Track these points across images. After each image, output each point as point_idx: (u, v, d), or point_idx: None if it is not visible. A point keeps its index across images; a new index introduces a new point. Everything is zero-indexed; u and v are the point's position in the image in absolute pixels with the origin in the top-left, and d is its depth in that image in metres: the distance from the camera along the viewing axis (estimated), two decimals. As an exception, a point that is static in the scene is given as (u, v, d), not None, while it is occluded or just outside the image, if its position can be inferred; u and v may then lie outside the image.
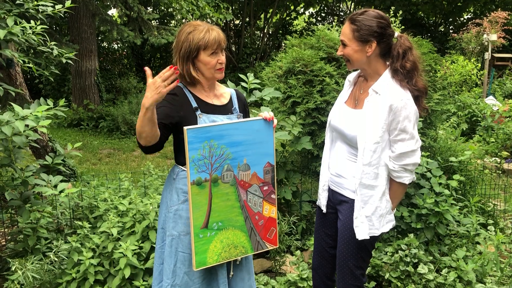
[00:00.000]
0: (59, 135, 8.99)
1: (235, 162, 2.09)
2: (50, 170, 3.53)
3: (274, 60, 4.33)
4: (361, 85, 2.28)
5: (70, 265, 3.01)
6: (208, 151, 2.00)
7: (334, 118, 2.32)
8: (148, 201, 3.31)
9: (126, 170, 6.70)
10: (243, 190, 2.14)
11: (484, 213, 4.38)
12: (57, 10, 3.22)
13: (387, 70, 2.17)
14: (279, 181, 3.85)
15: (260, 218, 2.22)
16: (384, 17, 2.13)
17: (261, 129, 2.14)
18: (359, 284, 2.32)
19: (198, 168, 1.99)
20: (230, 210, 2.12)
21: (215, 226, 2.09)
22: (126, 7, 7.52)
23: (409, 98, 2.09)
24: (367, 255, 2.31)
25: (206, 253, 2.08)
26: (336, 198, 2.35)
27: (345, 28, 2.15)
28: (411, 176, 2.19)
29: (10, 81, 4.18)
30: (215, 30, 2.10)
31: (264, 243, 2.26)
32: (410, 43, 2.16)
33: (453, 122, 7.34)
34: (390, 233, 3.69)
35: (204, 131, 1.97)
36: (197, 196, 2.02)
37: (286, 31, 17.39)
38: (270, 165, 2.20)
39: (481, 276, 3.33)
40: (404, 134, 2.09)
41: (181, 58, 2.11)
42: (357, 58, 2.15)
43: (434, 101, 3.86)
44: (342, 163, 2.28)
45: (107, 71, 12.30)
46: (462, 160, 4.21)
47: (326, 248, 2.50)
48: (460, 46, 13.06)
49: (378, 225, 2.21)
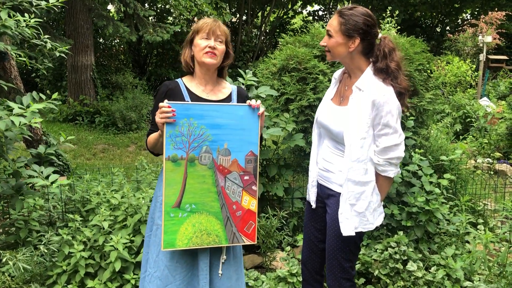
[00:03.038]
0: (54, 130, 8.98)
1: (215, 145, 2.07)
2: (43, 160, 3.53)
3: (269, 58, 4.35)
4: (346, 82, 2.33)
5: (61, 257, 3.02)
6: (187, 129, 2.00)
7: (321, 115, 2.36)
8: (141, 195, 3.33)
9: (120, 165, 6.71)
10: (221, 175, 2.11)
11: (475, 213, 4.42)
12: (51, 4, 3.22)
13: (369, 66, 2.21)
14: (271, 178, 3.87)
15: (238, 209, 2.16)
16: (372, 16, 2.17)
17: (245, 115, 2.11)
18: (348, 276, 2.35)
19: (174, 144, 1.99)
20: (205, 194, 2.09)
21: (188, 207, 2.06)
22: (122, 3, 7.51)
23: (391, 93, 2.13)
24: (355, 248, 2.34)
25: (176, 234, 2.05)
26: (324, 192, 2.38)
27: (333, 20, 2.20)
28: (396, 170, 2.23)
29: (4, 74, 4.18)
30: (213, 19, 2.23)
31: (241, 236, 2.18)
32: (394, 45, 2.21)
33: (446, 123, 7.39)
34: (380, 230, 3.72)
35: (183, 108, 1.99)
36: (171, 173, 2.01)
37: (283, 29, 17.40)
38: (254, 155, 2.16)
39: (470, 274, 3.36)
40: (387, 129, 2.13)
41: (186, 43, 2.28)
42: (338, 51, 2.19)
43: (426, 100, 3.89)
44: (329, 158, 2.32)
45: (103, 67, 12.28)
46: (453, 159, 4.24)
47: (315, 242, 2.52)
48: (455, 47, 13.11)
49: (372, 219, 2.25)
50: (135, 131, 9.40)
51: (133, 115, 9.27)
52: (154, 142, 2.16)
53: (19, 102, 2.95)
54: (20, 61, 3.30)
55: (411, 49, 3.95)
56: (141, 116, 9.59)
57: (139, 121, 9.53)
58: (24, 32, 2.99)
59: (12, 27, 2.89)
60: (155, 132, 2.18)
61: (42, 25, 3.41)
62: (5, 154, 2.98)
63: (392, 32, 5.24)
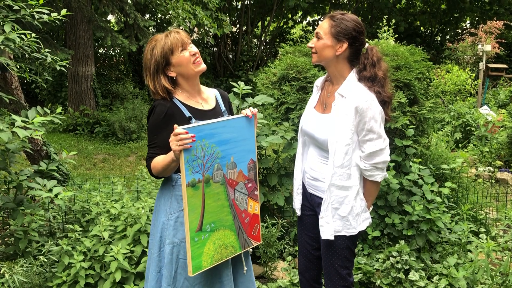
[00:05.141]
0: (54, 140, 8.99)
1: (224, 160, 2.08)
2: (44, 175, 3.54)
3: (269, 67, 4.36)
4: (328, 89, 2.37)
5: (60, 268, 3.01)
6: (200, 150, 1.97)
7: (306, 123, 2.40)
8: (140, 205, 3.32)
9: (120, 175, 6.70)
10: (231, 188, 2.14)
11: (476, 221, 4.40)
12: (53, 18, 3.24)
13: (351, 73, 2.25)
14: (272, 187, 3.86)
15: (246, 216, 2.22)
16: (361, 24, 2.23)
17: (244, 126, 2.15)
18: (346, 284, 2.36)
19: (192, 169, 1.96)
20: (220, 210, 2.10)
21: (208, 227, 2.06)
22: (122, 13, 7.55)
23: (373, 99, 2.17)
24: (350, 254, 2.35)
25: (201, 257, 2.04)
26: (314, 201, 2.40)
27: (324, 23, 2.24)
28: (383, 174, 2.27)
29: (5, 85, 4.19)
30: (172, 32, 2.14)
31: (250, 240, 2.25)
32: (380, 55, 2.28)
33: (447, 131, 7.38)
34: (382, 239, 3.71)
35: (197, 130, 1.95)
36: (192, 199, 1.98)
37: (283, 39, 17.46)
38: (253, 162, 2.22)
39: (472, 283, 3.34)
40: (371, 134, 2.17)
41: (151, 75, 2.14)
42: (326, 54, 2.22)
43: (426, 108, 3.89)
44: (316, 166, 2.35)
45: (103, 77, 12.30)
46: (454, 167, 4.23)
47: (310, 251, 2.53)
48: (455, 55, 13.15)
49: (355, 224, 2.27)
50: (135, 141, 9.40)
51: (132, 125, 9.26)
52: (164, 167, 2.05)
53: (24, 116, 2.96)
54: (20, 74, 3.31)
55: (411, 58, 3.95)
56: (141, 126, 9.59)
57: (139, 131, 9.53)
58: (25, 46, 3.00)
59: (16, 39, 2.89)
60: (157, 155, 2.11)
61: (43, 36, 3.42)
62: (8, 167, 2.98)
63: (390, 41, 5.25)
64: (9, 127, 2.79)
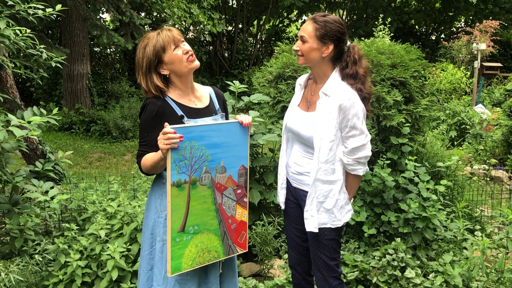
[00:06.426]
0: (50, 139, 8.95)
1: (213, 164, 2.08)
2: (40, 175, 3.52)
3: (265, 66, 4.36)
4: (311, 87, 2.43)
5: (57, 267, 3.00)
6: (189, 152, 1.97)
7: (290, 120, 2.46)
8: (137, 203, 3.31)
9: (116, 174, 6.68)
10: (219, 193, 2.13)
11: (472, 219, 4.42)
12: (48, 13, 3.23)
13: (334, 72, 2.31)
14: (268, 185, 3.87)
15: (232, 222, 2.21)
16: (343, 24, 2.29)
17: (237, 132, 2.15)
18: (335, 275, 2.43)
19: (178, 169, 1.96)
20: (206, 213, 2.09)
21: (191, 230, 2.05)
22: (118, 11, 7.52)
23: (356, 97, 2.24)
24: (337, 245, 2.42)
25: (182, 258, 2.04)
26: (298, 194, 2.46)
27: (307, 25, 2.27)
28: (364, 168, 2.35)
29: (0, 83, 4.17)
30: (165, 30, 2.13)
31: (235, 247, 2.24)
32: (362, 53, 2.34)
33: (442, 129, 7.41)
34: (378, 237, 3.72)
35: (186, 131, 1.95)
36: (176, 199, 1.98)
37: (279, 37, 17.45)
38: (244, 168, 2.22)
39: (467, 280, 3.36)
40: (354, 131, 2.25)
41: (143, 73, 2.13)
42: (312, 56, 2.27)
43: (422, 106, 3.90)
44: (300, 161, 2.42)
45: (99, 75, 12.25)
46: (449, 165, 4.25)
47: (299, 243, 2.58)
48: (450, 54, 13.18)
49: (340, 216, 2.35)
50: (131, 140, 9.37)
51: (127, 123, 9.24)
52: (153, 165, 2.08)
53: (20, 116, 2.95)
54: (16, 71, 3.29)
55: (406, 56, 3.96)
56: (137, 125, 9.55)
57: (135, 130, 9.50)
58: (20, 43, 2.99)
59: (11, 35, 2.88)
60: (147, 153, 2.11)
61: (38, 34, 3.41)
62: (4, 168, 2.97)
63: (386, 39, 5.26)
64: (5, 125, 2.78)
